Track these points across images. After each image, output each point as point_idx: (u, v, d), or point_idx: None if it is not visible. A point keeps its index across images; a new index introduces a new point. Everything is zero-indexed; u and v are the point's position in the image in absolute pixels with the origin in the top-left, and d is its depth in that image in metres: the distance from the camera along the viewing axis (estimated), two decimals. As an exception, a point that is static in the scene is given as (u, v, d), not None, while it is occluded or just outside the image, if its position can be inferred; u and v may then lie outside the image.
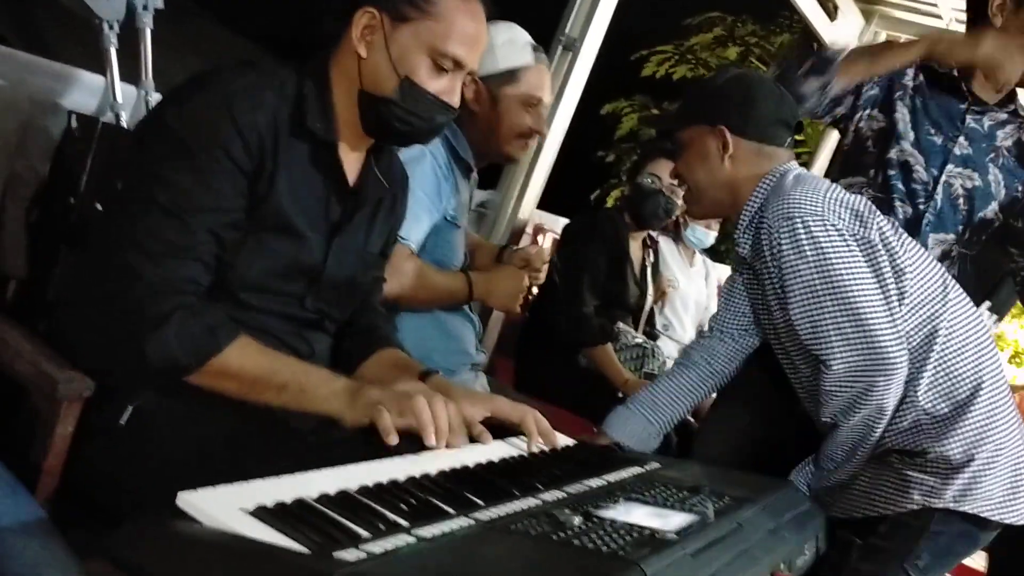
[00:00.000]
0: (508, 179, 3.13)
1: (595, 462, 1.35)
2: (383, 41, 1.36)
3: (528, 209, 3.16)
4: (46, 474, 1.22)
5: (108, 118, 1.87)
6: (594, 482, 1.23)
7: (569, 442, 1.49)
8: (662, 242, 3.43)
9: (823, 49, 2.14)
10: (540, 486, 1.15)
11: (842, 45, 2.15)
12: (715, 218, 1.83)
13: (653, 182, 3.00)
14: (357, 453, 1.16)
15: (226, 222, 1.28)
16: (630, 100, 12.88)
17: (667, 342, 3.40)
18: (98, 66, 1.91)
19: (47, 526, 1.05)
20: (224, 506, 0.89)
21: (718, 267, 4.06)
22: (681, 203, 3.12)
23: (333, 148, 1.39)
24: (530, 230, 3.27)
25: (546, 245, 3.41)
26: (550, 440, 1.42)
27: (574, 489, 1.17)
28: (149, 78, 2.01)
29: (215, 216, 1.27)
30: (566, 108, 3.06)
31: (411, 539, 0.89)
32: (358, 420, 1.22)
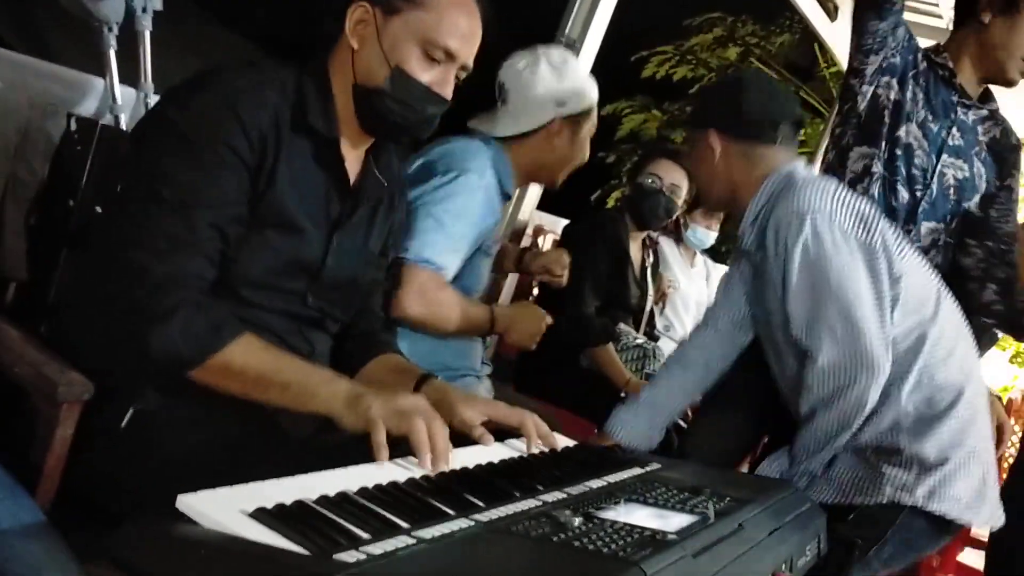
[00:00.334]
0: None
1: (595, 463, 1.35)
2: (375, 33, 1.37)
3: (528, 210, 3.15)
4: (46, 476, 1.22)
5: (108, 120, 1.88)
6: (594, 483, 1.22)
7: (569, 443, 1.49)
8: (663, 243, 3.43)
9: None
10: (540, 487, 1.14)
11: None
12: (724, 211, 1.89)
13: (654, 182, 3.00)
14: (356, 455, 1.16)
15: (230, 217, 1.29)
16: (631, 101, 12.89)
17: (668, 343, 3.40)
18: (97, 68, 1.92)
19: (47, 528, 1.05)
20: (224, 508, 0.89)
21: (719, 267, 4.06)
22: (681, 203, 3.12)
23: (335, 145, 1.40)
24: (530, 231, 3.28)
25: (546, 246, 3.41)
26: (549, 443, 1.42)
27: (574, 490, 1.16)
28: (148, 80, 2.02)
29: (219, 211, 1.27)
30: (566, 109, 3.05)
31: (411, 540, 0.89)
32: (355, 426, 1.22)
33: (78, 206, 1.54)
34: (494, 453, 1.31)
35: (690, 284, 3.56)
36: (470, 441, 1.33)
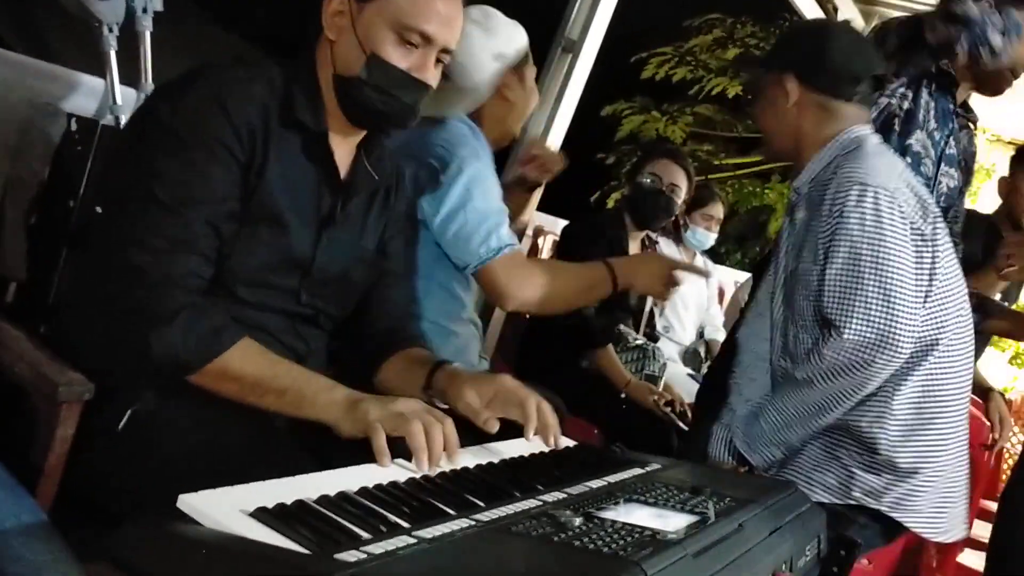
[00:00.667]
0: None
1: (595, 463, 1.35)
2: (350, 23, 1.36)
3: (528, 211, 3.14)
4: (46, 476, 1.22)
5: (108, 120, 1.87)
6: (595, 483, 1.22)
7: (569, 443, 1.48)
8: (662, 243, 3.43)
9: None
10: (540, 487, 1.15)
11: None
12: (782, 162, 1.85)
13: (653, 181, 3.01)
14: (356, 456, 1.16)
15: (223, 213, 1.29)
16: (630, 102, 12.86)
17: (667, 343, 3.40)
18: (98, 69, 1.91)
19: (48, 528, 1.05)
20: (225, 508, 0.89)
21: (719, 269, 4.07)
22: (681, 203, 3.13)
23: (323, 139, 1.39)
24: (530, 232, 3.27)
25: (546, 247, 3.41)
26: (547, 433, 1.39)
27: (575, 490, 1.16)
28: (149, 81, 2.02)
29: (213, 207, 1.28)
30: (566, 110, 3.07)
31: (411, 540, 0.89)
32: (353, 433, 1.22)
33: (78, 206, 1.54)
34: (494, 453, 1.31)
35: (690, 285, 3.56)
36: (473, 441, 1.33)
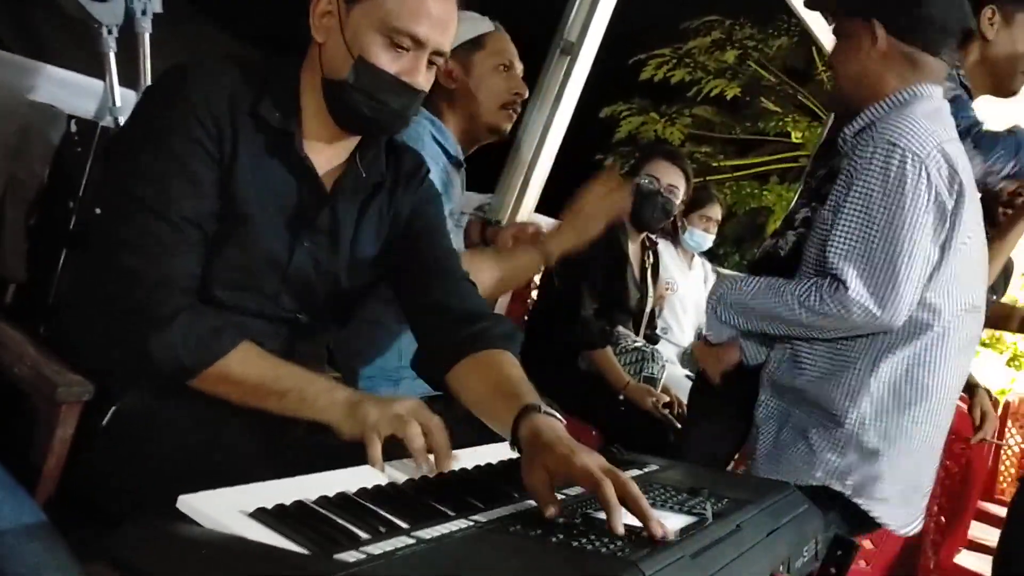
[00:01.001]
0: (506, 183, 3.13)
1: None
2: (338, 24, 1.33)
3: (526, 212, 3.16)
4: (45, 477, 1.22)
5: (107, 122, 1.88)
6: (593, 484, 1.22)
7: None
8: (660, 244, 3.44)
9: None
10: (539, 488, 1.15)
11: None
12: (845, 112, 1.75)
13: (651, 183, 3.01)
14: (356, 456, 1.16)
15: (206, 211, 1.29)
16: (628, 103, 12.88)
17: (666, 345, 3.40)
18: (97, 70, 1.92)
19: (48, 528, 1.05)
20: (224, 508, 0.90)
21: (717, 270, 4.06)
22: (679, 204, 3.13)
23: (290, 139, 1.35)
24: (529, 233, 3.27)
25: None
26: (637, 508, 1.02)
27: (572, 491, 1.16)
28: (148, 82, 2.02)
29: (196, 204, 1.27)
30: (564, 111, 3.07)
31: (410, 540, 0.89)
32: (353, 435, 1.22)
33: (78, 207, 1.54)
34: (493, 454, 1.31)
35: (688, 286, 3.57)
36: (473, 442, 1.33)
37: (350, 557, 0.82)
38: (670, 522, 1.05)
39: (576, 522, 1.00)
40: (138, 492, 1.12)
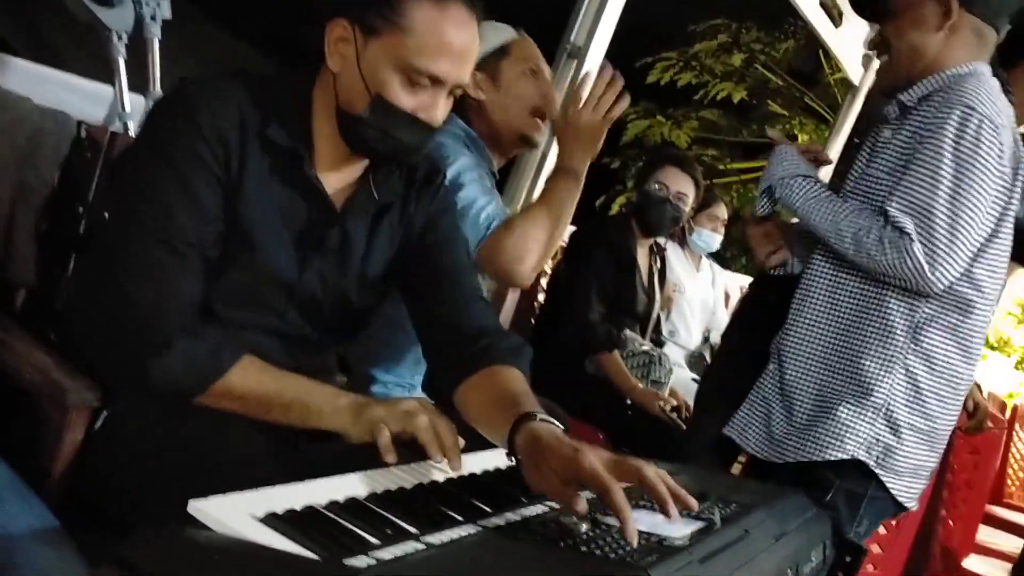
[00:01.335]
0: (514, 186, 3.13)
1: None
2: (355, 56, 1.29)
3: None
4: (54, 480, 1.23)
5: (117, 127, 1.89)
6: (601, 489, 1.22)
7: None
8: (668, 247, 3.44)
9: None
10: (548, 493, 1.15)
11: None
12: (894, 88, 1.82)
13: (660, 190, 3.01)
14: (365, 461, 1.16)
15: (210, 232, 1.28)
16: (635, 107, 12.87)
17: (673, 348, 3.40)
18: (107, 76, 1.93)
19: (58, 532, 1.06)
20: (235, 513, 0.90)
21: (725, 273, 4.06)
22: (688, 211, 3.13)
23: (299, 160, 1.33)
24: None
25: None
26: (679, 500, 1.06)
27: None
28: (157, 87, 2.03)
29: (199, 228, 1.26)
30: (571, 115, 3.06)
31: (420, 546, 0.89)
32: (361, 437, 1.22)
33: (87, 212, 1.55)
34: (501, 459, 1.31)
35: (695, 288, 3.57)
36: (480, 446, 1.33)
37: (360, 562, 0.82)
38: (679, 527, 1.05)
39: (585, 527, 1.00)
40: (146, 496, 1.13)
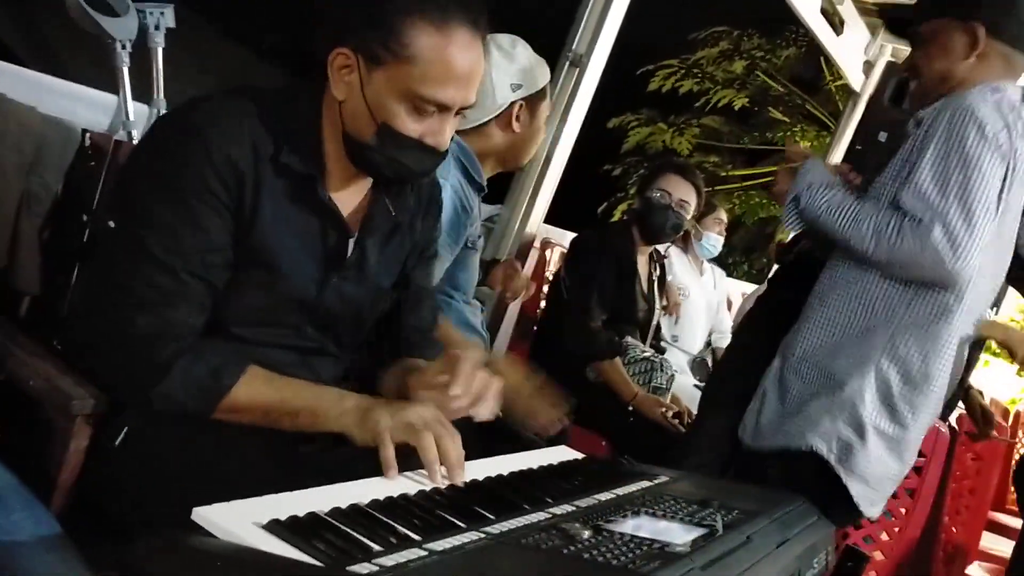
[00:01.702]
0: (515, 193, 3.14)
1: (604, 475, 1.35)
2: (359, 84, 1.28)
3: (535, 223, 3.16)
4: (60, 488, 1.23)
5: (121, 136, 1.90)
6: (603, 496, 1.23)
7: (577, 456, 1.49)
8: (672, 252, 3.45)
9: None
10: (550, 500, 1.15)
11: None
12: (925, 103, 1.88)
13: (662, 197, 3.01)
14: (368, 468, 1.16)
15: (216, 262, 1.27)
16: (636, 114, 12.91)
17: (676, 353, 3.41)
18: (111, 85, 1.94)
19: (63, 540, 1.06)
20: (239, 520, 0.90)
21: (726, 279, 4.07)
22: (690, 219, 3.13)
23: (313, 182, 1.33)
24: (538, 244, 3.29)
25: (554, 259, 3.43)
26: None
27: (583, 503, 1.17)
28: (161, 96, 2.04)
29: (204, 257, 1.25)
30: (573, 123, 3.07)
31: (423, 553, 0.89)
32: (366, 441, 1.22)
33: (91, 221, 1.56)
34: (503, 465, 1.32)
35: (699, 293, 3.58)
36: (481, 454, 1.33)
37: (363, 569, 0.83)
38: (681, 534, 1.05)
39: (587, 534, 1.00)
40: (150, 503, 1.13)
